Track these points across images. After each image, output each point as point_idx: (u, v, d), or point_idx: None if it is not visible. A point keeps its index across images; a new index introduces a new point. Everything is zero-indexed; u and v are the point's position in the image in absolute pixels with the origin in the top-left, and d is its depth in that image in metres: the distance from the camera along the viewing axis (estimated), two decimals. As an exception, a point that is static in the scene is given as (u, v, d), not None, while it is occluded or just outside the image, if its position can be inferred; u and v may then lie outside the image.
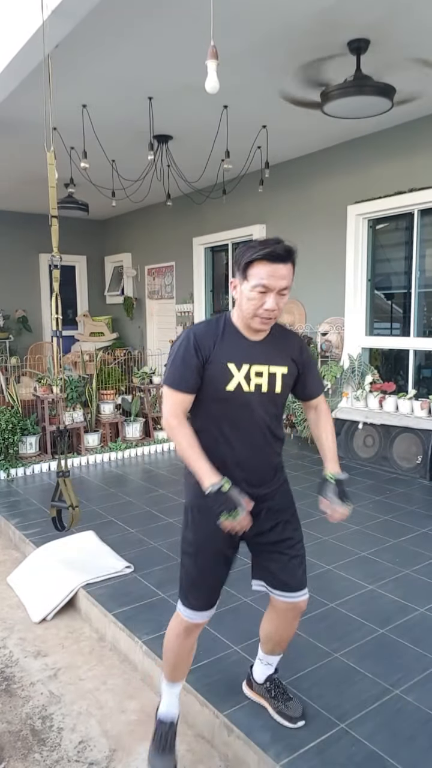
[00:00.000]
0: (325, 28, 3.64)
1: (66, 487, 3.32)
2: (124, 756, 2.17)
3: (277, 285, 1.79)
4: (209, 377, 1.87)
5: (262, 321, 1.85)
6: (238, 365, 1.87)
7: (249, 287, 1.80)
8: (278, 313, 1.84)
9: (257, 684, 2.24)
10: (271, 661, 2.21)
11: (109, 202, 6.69)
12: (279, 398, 1.94)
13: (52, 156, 3.03)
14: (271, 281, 1.78)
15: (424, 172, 5.31)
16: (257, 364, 1.88)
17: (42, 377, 5.92)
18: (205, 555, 1.99)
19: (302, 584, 2.04)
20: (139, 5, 3.36)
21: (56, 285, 3.08)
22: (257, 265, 1.78)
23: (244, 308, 1.85)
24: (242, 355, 1.88)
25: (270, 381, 1.90)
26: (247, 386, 1.87)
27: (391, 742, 2.02)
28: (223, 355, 1.87)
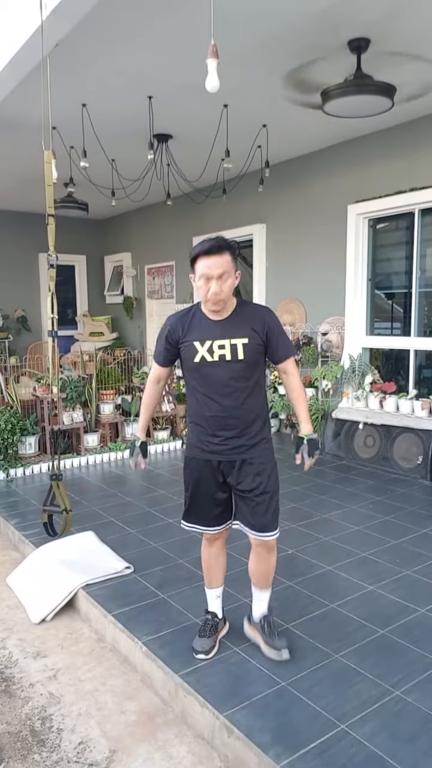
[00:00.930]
0: (325, 27, 3.63)
1: (59, 490, 3.31)
2: (124, 757, 2.16)
3: (214, 273, 2.25)
4: (183, 355, 2.43)
5: (213, 303, 2.32)
6: (201, 342, 2.37)
7: (196, 278, 2.32)
8: (223, 295, 2.29)
9: (254, 622, 2.63)
10: (260, 595, 2.62)
11: (108, 202, 6.68)
12: (245, 364, 2.36)
13: (50, 155, 3.02)
14: (208, 270, 2.25)
15: (424, 172, 5.31)
16: (219, 339, 2.36)
17: (41, 377, 5.91)
18: (192, 490, 2.53)
19: (266, 527, 2.46)
20: (139, 5, 3.35)
21: (52, 284, 3.07)
22: (198, 261, 2.28)
23: (200, 295, 2.35)
24: (205, 334, 2.37)
25: (232, 351, 2.35)
26: (210, 357, 2.36)
27: (391, 743, 2.01)
28: (191, 336, 2.39)
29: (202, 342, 2.37)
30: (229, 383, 2.37)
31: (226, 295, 2.31)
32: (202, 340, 2.37)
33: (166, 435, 6.46)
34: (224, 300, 2.33)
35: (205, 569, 2.66)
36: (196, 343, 2.37)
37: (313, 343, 6.44)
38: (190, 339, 2.39)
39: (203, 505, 2.52)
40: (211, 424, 2.41)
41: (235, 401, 2.38)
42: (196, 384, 2.43)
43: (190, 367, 2.41)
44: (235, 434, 2.41)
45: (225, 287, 2.28)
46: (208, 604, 2.69)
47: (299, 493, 4.67)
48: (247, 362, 2.37)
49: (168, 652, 2.56)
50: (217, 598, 2.67)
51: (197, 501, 2.52)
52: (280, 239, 6.92)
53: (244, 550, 3.24)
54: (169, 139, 5.78)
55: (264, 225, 7.11)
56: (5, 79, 3.98)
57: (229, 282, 2.29)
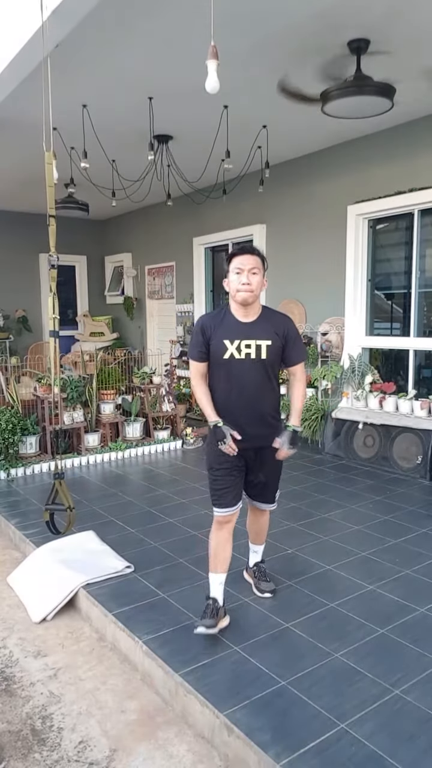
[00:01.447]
0: (325, 28, 3.64)
1: (62, 489, 3.31)
2: (124, 756, 2.17)
3: (246, 266, 2.66)
4: (213, 351, 2.73)
5: (243, 292, 2.66)
6: (231, 341, 2.70)
7: (231, 271, 2.70)
8: (252, 287, 2.66)
9: (249, 568, 3.18)
10: (256, 549, 3.15)
11: (109, 202, 6.69)
12: (266, 363, 2.72)
13: (51, 156, 3.02)
14: (241, 264, 2.67)
15: (424, 172, 5.31)
16: (246, 339, 2.70)
17: (42, 377, 5.92)
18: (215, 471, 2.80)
19: (267, 501, 2.99)
20: (139, 5, 3.36)
21: (54, 285, 3.08)
22: (234, 259, 2.70)
23: (232, 288, 2.70)
24: (235, 334, 2.71)
25: (257, 350, 2.70)
26: (238, 354, 2.70)
27: (391, 742, 2.02)
28: (222, 334, 2.72)
29: (232, 341, 2.70)
30: (252, 379, 2.71)
31: (255, 289, 2.68)
32: (231, 339, 2.70)
33: (166, 435, 6.46)
34: (253, 293, 2.68)
35: (213, 553, 2.82)
36: (225, 341, 2.70)
37: (313, 343, 6.44)
38: (220, 337, 2.71)
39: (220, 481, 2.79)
40: (236, 415, 2.72)
41: (257, 396, 2.73)
42: (224, 378, 2.74)
43: (219, 363, 2.73)
44: (255, 423, 2.74)
45: (254, 281, 2.66)
46: (210, 590, 2.81)
47: (299, 492, 4.68)
48: (269, 362, 2.73)
49: (168, 651, 2.57)
50: (220, 584, 2.81)
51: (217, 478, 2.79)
52: (280, 240, 6.93)
53: (244, 551, 3.26)
54: (170, 139, 5.79)
55: (264, 225, 7.11)
56: (5, 79, 3.99)
57: (257, 277, 2.68)
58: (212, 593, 2.80)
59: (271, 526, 3.87)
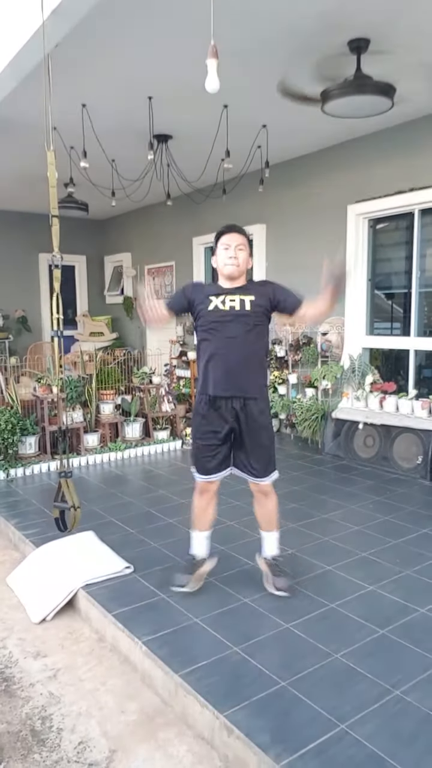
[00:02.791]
0: (326, 27, 3.63)
1: (68, 487, 3.32)
2: (124, 757, 2.16)
3: (232, 243, 2.88)
4: (198, 308, 2.91)
5: (231, 265, 2.87)
6: (215, 296, 2.90)
7: (219, 247, 2.91)
8: (238, 261, 2.87)
9: (262, 556, 3.13)
10: (265, 536, 3.11)
11: (109, 202, 6.69)
12: (251, 316, 2.86)
13: (53, 156, 3.02)
14: (228, 241, 2.89)
15: (424, 172, 5.31)
16: (231, 295, 2.89)
17: (41, 377, 5.91)
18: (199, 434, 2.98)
19: (260, 474, 2.97)
20: (139, 5, 3.36)
21: (57, 285, 3.08)
22: (222, 236, 2.92)
23: (219, 262, 2.92)
24: (220, 291, 2.91)
25: (240, 303, 2.86)
26: (222, 306, 2.87)
27: (391, 743, 2.02)
28: (207, 293, 2.93)
29: (216, 296, 2.89)
30: (237, 330, 2.84)
31: (241, 264, 2.88)
32: (216, 295, 2.90)
33: (166, 435, 6.46)
34: (239, 267, 2.88)
35: (195, 514, 3.06)
36: (211, 297, 2.90)
37: (313, 343, 6.44)
38: (206, 294, 2.92)
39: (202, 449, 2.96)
40: (222, 369, 2.85)
41: (243, 351, 2.85)
42: (210, 331, 2.88)
43: (204, 315, 2.89)
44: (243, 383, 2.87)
45: (240, 256, 2.87)
46: (192, 546, 3.09)
47: (299, 492, 4.68)
48: (253, 315, 2.87)
49: (168, 651, 2.56)
50: (204, 539, 3.08)
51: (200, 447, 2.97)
52: (280, 239, 6.92)
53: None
54: (169, 139, 5.78)
55: (264, 225, 7.11)
56: (5, 79, 3.98)
57: (244, 254, 2.89)
58: (193, 550, 3.08)
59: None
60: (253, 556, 3.27)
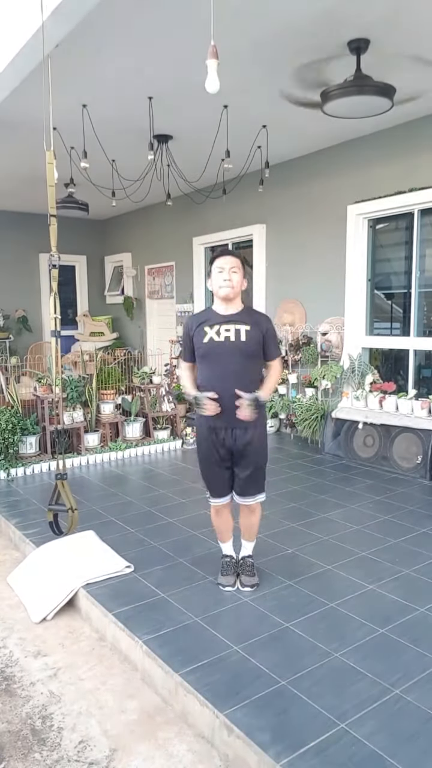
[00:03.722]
0: (325, 27, 3.64)
1: (64, 489, 3.32)
2: (124, 756, 2.17)
3: (227, 266, 2.93)
4: (195, 340, 3.00)
5: (226, 287, 2.91)
6: (211, 326, 2.95)
7: (214, 270, 2.96)
8: (233, 283, 2.91)
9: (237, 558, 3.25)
10: (244, 543, 3.24)
11: (109, 202, 6.69)
12: (245, 346, 2.91)
13: (52, 155, 3.03)
14: (223, 264, 2.94)
15: (424, 172, 5.31)
16: (226, 324, 2.94)
17: (42, 377, 5.92)
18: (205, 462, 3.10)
19: (247, 493, 3.09)
20: (139, 5, 3.36)
21: (55, 285, 3.08)
22: (216, 260, 2.97)
23: (214, 284, 2.95)
24: (215, 320, 2.96)
25: (236, 333, 2.92)
26: (217, 337, 2.92)
27: (391, 742, 2.02)
28: (204, 323, 2.98)
29: (212, 326, 2.95)
30: (232, 360, 2.90)
31: (236, 286, 2.93)
32: (212, 324, 2.95)
33: (166, 435, 6.46)
34: (234, 290, 2.93)
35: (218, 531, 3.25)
36: (206, 328, 2.95)
37: (313, 343, 6.44)
38: (201, 326, 2.97)
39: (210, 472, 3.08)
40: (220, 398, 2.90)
41: (236, 376, 2.90)
42: (206, 361, 2.96)
43: (201, 347, 2.95)
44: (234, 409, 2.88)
45: (234, 278, 2.92)
46: (223, 550, 3.27)
47: (299, 492, 4.68)
48: (248, 346, 2.92)
49: (168, 651, 2.57)
50: (230, 546, 3.25)
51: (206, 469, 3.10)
52: (280, 239, 6.93)
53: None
54: (169, 139, 5.79)
55: (264, 225, 7.11)
56: (6, 79, 3.98)
57: (238, 276, 2.94)
58: (225, 551, 3.26)
59: (271, 526, 3.89)
60: (254, 555, 3.28)
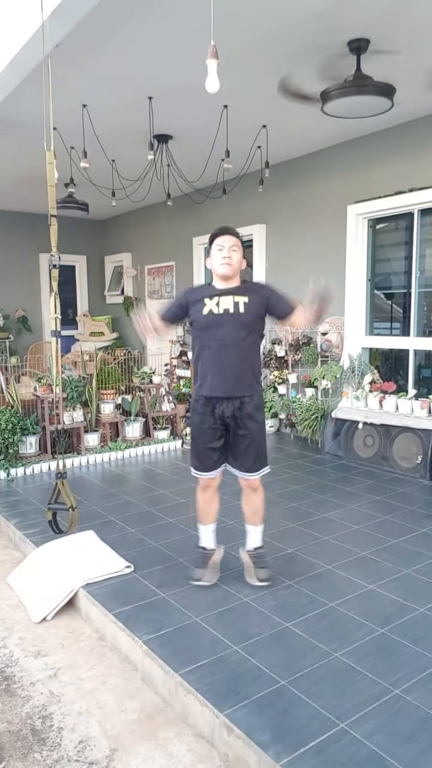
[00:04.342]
0: (325, 27, 3.64)
1: (64, 488, 3.32)
2: (124, 756, 2.17)
3: (226, 244, 2.94)
4: (193, 311, 2.98)
5: (224, 264, 2.93)
6: (210, 298, 2.94)
7: (213, 249, 2.97)
8: (232, 261, 2.92)
9: (246, 550, 3.20)
10: (250, 529, 3.19)
11: (109, 202, 6.69)
12: (244, 317, 2.91)
13: (52, 155, 3.03)
14: (222, 242, 2.96)
15: (424, 172, 5.31)
16: (224, 296, 2.93)
17: (42, 377, 5.92)
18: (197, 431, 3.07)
19: (250, 469, 3.05)
20: (138, 5, 3.36)
21: (55, 284, 3.09)
22: (216, 238, 2.98)
23: (213, 262, 2.96)
24: (214, 293, 2.96)
25: (234, 306, 2.91)
26: (216, 309, 2.91)
27: (391, 742, 2.02)
28: (202, 294, 2.98)
29: (210, 298, 2.94)
30: (231, 333, 2.89)
31: (235, 264, 2.94)
32: (211, 296, 2.95)
33: (166, 435, 6.46)
34: (233, 268, 2.94)
35: (199, 509, 3.19)
36: (205, 299, 2.95)
37: (313, 343, 6.44)
38: (201, 297, 2.97)
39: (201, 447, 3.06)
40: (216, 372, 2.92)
41: (236, 354, 2.91)
42: (204, 335, 2.94)
43: (198, 319, 2.94)
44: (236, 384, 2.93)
45: (234, 257, 2.93)
46: (201, 539, 3.22)
47: (299, 492, 4.68)
48: (248, 316, 2.92)
49: (168, 650, 2.57)
50: (210, 533, 3.21)
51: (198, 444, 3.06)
52: (280, 239, 6.93)
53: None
54: (169, 139, 5.79)
55: (264, 225, 7.11)
56: (6, 79, 3.99)
57: (237, 255, 2.95)
58: (202, 543, 3.21)
59: (271, 526, 3.89)
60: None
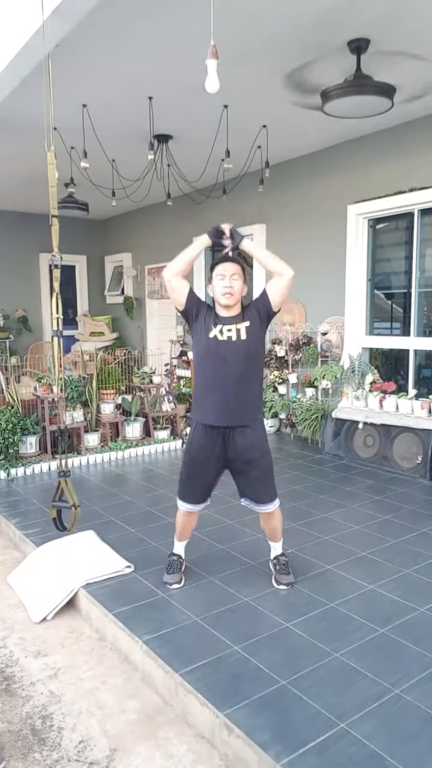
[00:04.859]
0: (325, 27, 3.64)
1: (67, 486, 3.33)
2: (124, 756, 2.17)
3: (228, 272, 2.95)
4: (198, 330, 3.00)
5: (226, 295, 2.94)
6: (215, 325, 2.97)
7: (215, 277, 2.98)
8: (233, 290, 2.94)
9: (271, 559, 3.26)
10: (272, 545, 3.26)
11: (109, 202, 6.69)
12: (246, 343, 2.94)
13: (53, 156, 3.03)
14: (223, 270, 2.96)
15: (424, 172, 5.31)
16: (228, 325, 2.97)
17: (42, 377, 5.92)
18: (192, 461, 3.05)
19: (263, 500, 3.06)
20: (139, 5, 3.36)
21: (57, 285, 3.08)
22: (217, 266, 2.99)
23: (216, 292, 2.97)
24: (218, 321, 2.99)
25: (237, 333, 2.94)
26: (221, 336, 2.94)
27: (391, 742, 2.02)
28: (208, 319, 2.99)
29: (215, 325, 2.96)
30: (234, 358, 2.91)
31: (236, 293, 2.95)
32: (216, 324, 2.97)
33: (166, 435, 6.46)
34: (235, 297, 2.96)
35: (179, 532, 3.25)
36: (210, 325, 2.97)
37: (313, 343, 6.44)
38: (207, 320, 2.98)
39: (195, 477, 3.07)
40: (217, 397, 2.92)
41: (237, 379, 2.91)
42: (207, 359, 2.96)
43: (204, 341, 2.96)
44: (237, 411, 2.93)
45: (235, 285, 2.95)
46: (174, 548, 3.29)
47: (299, 492, 4.68)
48: (250, 341, 2.94)
49: (168, 650, 2.57)
50: (183, 547, 3.30)
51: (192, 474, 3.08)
52: (280, 239, 6.92)
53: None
54: (170, 139, 5.79)
55: (264, 225, 7.11)
56: (6, 79, 3.98)
57: (238, 283, 2.96)
58: (176, 550, 3.29)
59: (271, 526, 3.89)
60: (254, 554, 3.35)
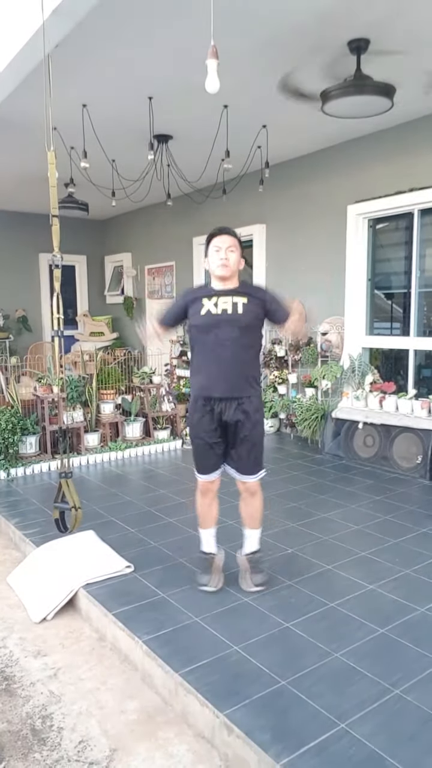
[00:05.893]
0: (325, 27, 3.64)
1: (68, 488, 3.33)
2: (124, 755, 2.17)
3: (223, 245, 2.91)
4: (192, 311, 2.95)
5: (222, 266, 2.90)
6: (208, 298, 2.92)
7: (211, 249, 2.94)
8: (230, 263, 2.90)
9: (243, 554, 3.16)
10: (248, 533, 3.15)
11: (109, 202, 6.69)
12: (242, 318, 2.88)
13: (53, 156, 3.03)
14: (219, 243, 2.92)
15: (424, 172, 5.31)
16: (223, 296, 2.91)
17: (42, 377, 5.92)
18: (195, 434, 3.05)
19: (248, 471, 3.04)
20: (139, 5, 3.36)
21: (57, 285, 3.09)
22: (213, 238, 2.94)
23: (211, 264, 2.94)
24: (212, 293, 2.93)
25: (233, 306, 2.88)
26: (214, 309, 2.88)
27: (391, 742, 2.02)
28: (200, 294, 2.96)
29: (209, 297, 2.91)
30: (229, 334, 2.86)
31: (233, 265, 2.92)
32: (209, 296, 2.92)
33: (166, 435, 6.46)
34: (231, 269, 2.91)
35: (200, 514, 3.17)
36: (203, 299, 2.92)
37: (313, 343, 6.44)
38: (199, 297, 2.95)
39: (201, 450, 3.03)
40: (214, 372, 2.90)
41: (234, 355, 2.88)
42: (202, 335, 2.92)
43: (196, 320, 2.92)
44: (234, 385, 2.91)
45: (231, 257, 2.91)
46: (203, 544, 3.20)
47: (299, 492, 4.68)
48: (246, 318, 2.89)
49: (168, 650, 2.57)
50: (211, 537, 3.18)
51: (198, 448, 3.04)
52: (280, 239, 6.93)
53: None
54: (169, 139, 5.79)
55: (264, 225, 7.11)
56: (6, 79, 3.99)
57: (234, 255, 2.92)
58: (204, 548, 3.19)
59: (272, 526, 3.89)
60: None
